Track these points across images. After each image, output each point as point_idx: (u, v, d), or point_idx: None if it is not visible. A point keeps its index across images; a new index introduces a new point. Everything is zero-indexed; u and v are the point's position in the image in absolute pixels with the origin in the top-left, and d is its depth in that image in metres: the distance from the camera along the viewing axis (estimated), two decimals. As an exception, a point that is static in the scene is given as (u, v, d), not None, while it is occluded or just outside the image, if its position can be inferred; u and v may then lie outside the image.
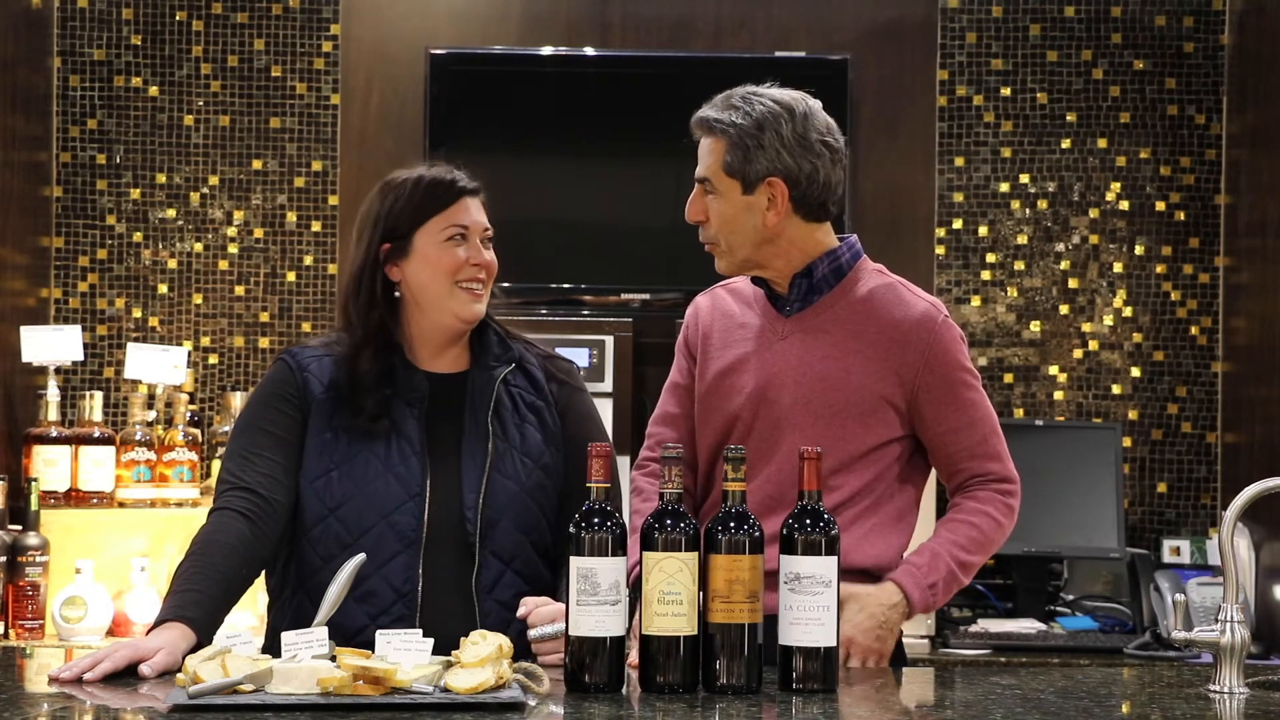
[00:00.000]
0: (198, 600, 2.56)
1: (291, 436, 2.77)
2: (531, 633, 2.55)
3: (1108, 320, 4.95)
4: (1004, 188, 4.97)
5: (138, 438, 4.39)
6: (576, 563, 2.36)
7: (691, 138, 2.87)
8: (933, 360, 2.80)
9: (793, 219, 2.82)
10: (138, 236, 4.90)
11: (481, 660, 2.28)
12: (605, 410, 4.50)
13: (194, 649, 2.46)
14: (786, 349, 2.83)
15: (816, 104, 2.85)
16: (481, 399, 2.81)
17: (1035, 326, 4.96)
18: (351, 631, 2.60)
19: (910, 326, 2.81)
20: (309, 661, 2.29)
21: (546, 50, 4.89)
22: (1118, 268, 4.95)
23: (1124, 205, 4.95)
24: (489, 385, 2.82)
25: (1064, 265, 4.96)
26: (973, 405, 2.83)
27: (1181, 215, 4.94)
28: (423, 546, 2.71)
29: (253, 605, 4.13)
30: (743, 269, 2.87)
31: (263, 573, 2.81)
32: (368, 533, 2.70)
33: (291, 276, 4.91)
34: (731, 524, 2.38)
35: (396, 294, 2.83)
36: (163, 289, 4.90)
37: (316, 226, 4.91)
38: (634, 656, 2.42)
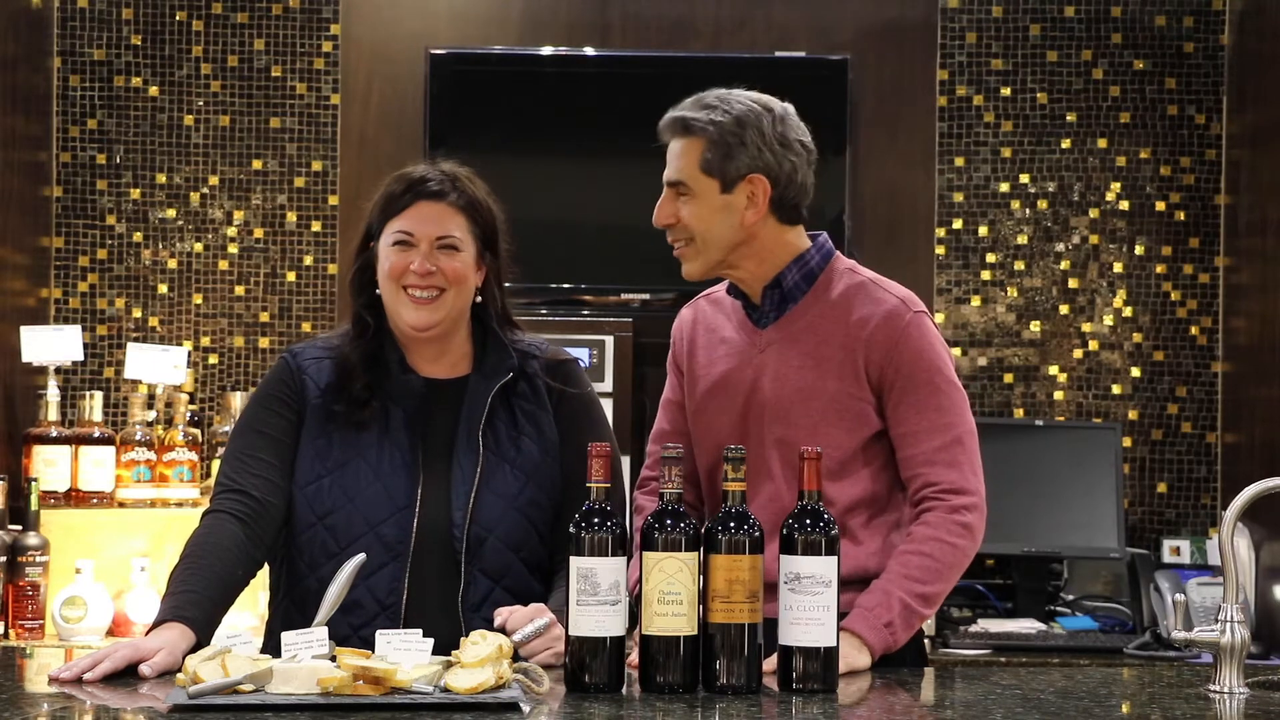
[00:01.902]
0: (195, 601, 2.56)
1: (287, 438, 2.77)
2: (515, 637, 2.54)
3: (1108, 320, 4.95)
4: (1004, 188, 4.97)
5: (138, 438, 4.39)
6: (576, 563, 2.36)
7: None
8: (898, 359, 2.73)
9: (769, 219, 2.78)
10: (138, 236, 4.90)
11: (481, 660, 2.28)
12: (605, 411, 4.49)
13: (193, 649, 2.46)
14: (763, 363, 2.79)
15: (790, 107, 2.83)
16: (475, 410, 2.77)
17: (1035, 326, 4.96)
18: (335, 641, 2.57)
19: (877, 324, 2.74)
20: (309, 661, 2.29)
21: (546, 50, 4.89)
22: (1118, 268, 4.95)
23: (1124, 205, 4.95)
24: (484, 395, 2.78)
25: (1064, 265, 4.96)
26: (939, 410, 2.73)
27: (1181, 215, 4.94)
28: (410, 559, 2.69)
29: (253, 605, 4.13)
30: (713, 271, 2.82)
31: (262, 572, 2.80)
32: (355, 543, 2.68)
33: (291, 276, 4.91)
34: (731, 524, 2.38)
35: (377, 291, 2.82)
36: (163, 289, 4.90)
37: (316, 226, 4.91)
38: (634, 656, 2.42)
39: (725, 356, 2.84)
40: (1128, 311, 4.95)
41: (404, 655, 2.30)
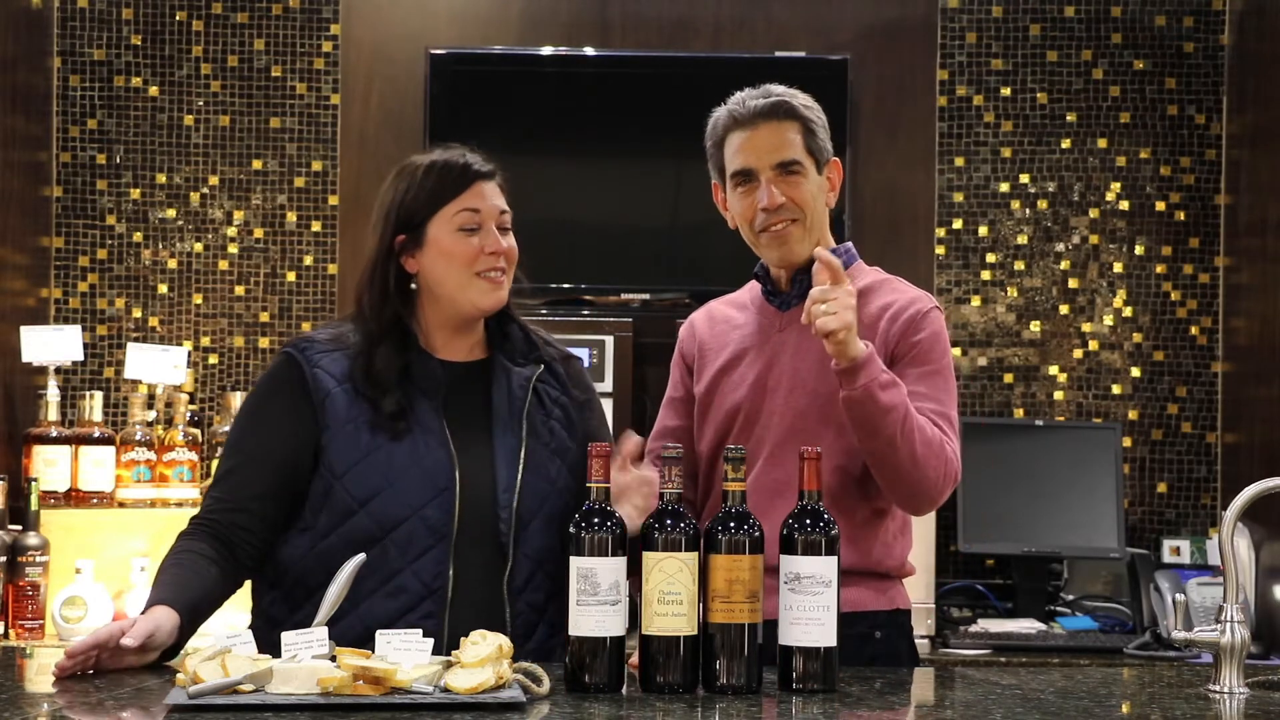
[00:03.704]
0: (176, 588, 2.57)
1: (288, 441, 2.67)
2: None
3: (1108, 320, 4.95)
4: (1004, 188, 4.97)
5: (138, 438, 4.39)
6: (576, 563, 2.37)
7: (715, 135, 2.88)
8: (916, 337, 2.79)
9: None
10: (138, 236, 4.90)
11: (481, 660, 2.28)
12: (605, 410, 4.49)
13: (181, 630, 2.48)
14: (785, 340, 2.85)
15: None
16: (514, 395, 2.73)
17: (1035, 326, 4.96)
18: (381, 627, 2.46)
19: (901, 306, 2.83)
20: (309, 661, 2.29)
21: (546, 50, 4.89)
22: (1118, 268, 4.95)
23: (1124, 205, 4.95)
24: (521, 383, 2.75)
25: (1064, 265, 4.96)
26: (936, 388, 2.78)
27: (1181, 215, 4.94)
28: (453, 542, 2.63)
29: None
30: (808, 255, 2.84)
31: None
32: (399, 527, 2.61)
33: (291, 276, 4.91)
34: (731, 524, 2.38)
35: (413, 285, 2.74)
36: (163, 289, 4.90)
37: (316, 226, 4.91)
38: (634, 657, 2.42)
39: (741, 338, 2.90)
40: (1128, 311, 4.94)
41: (404, 655, 2.30)
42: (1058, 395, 4.94)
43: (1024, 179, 4.96)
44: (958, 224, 4.96)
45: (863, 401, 2.62)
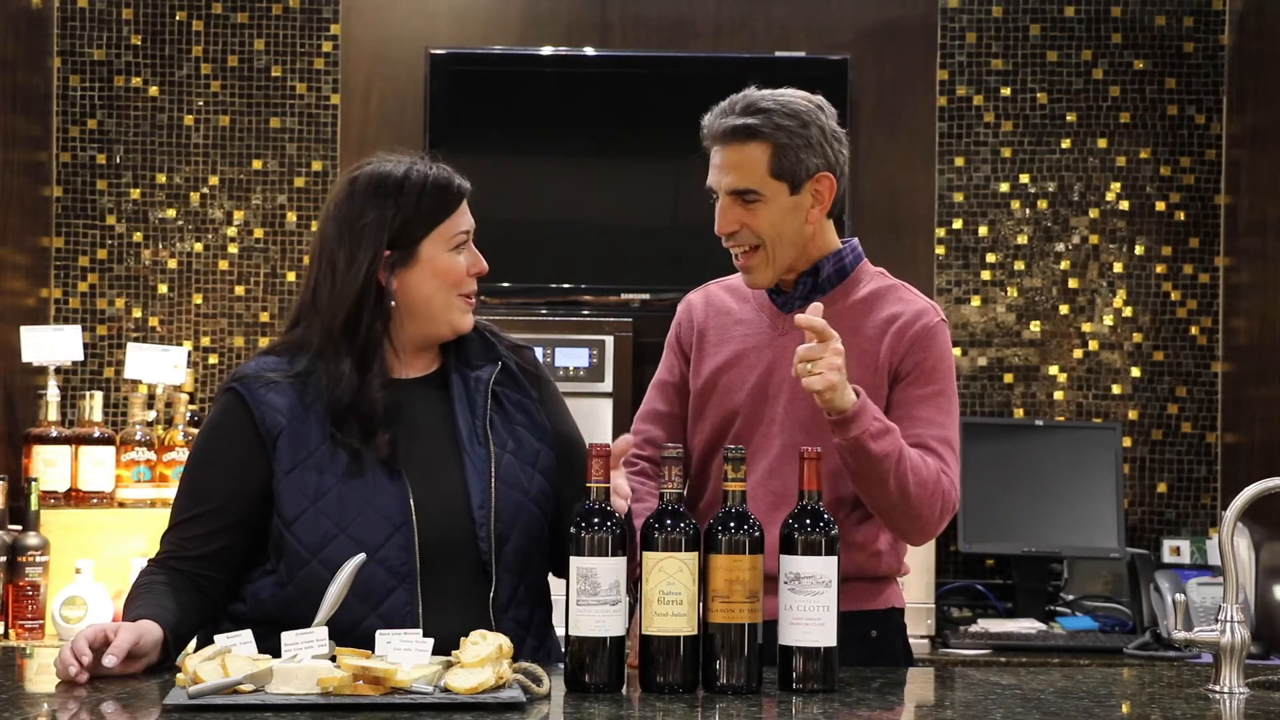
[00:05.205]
0: (156, 608, 2.50)
1: (243, 486, 2.58)
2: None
3: (1108, 320, 4.95)
4: (1004, 188, 4.97)
5: (138, 438, 4.39)
6: (576, 563, 2.36)
7: (701, 143, 2.80)
8: (920, 354, 2.75)
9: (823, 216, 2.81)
10: (138, 236, 4.90)
11: (481, 660, 2.28)
12: (605, 410, 4.50)
13: (165, 649, 2.45)
14: (787, 345, 2.79)
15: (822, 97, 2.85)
16: (475, 403, 2.66)
17: (1035, 326, 4.96)
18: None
19: (906, 320, 2.78)
20: (309, 661, 2.29)
21: (546, 50, 4.89)
22: (1118, 268, 4.95)
23: (1124, 205, 4.95)
24: (480, 387, 2.67)
25: (1064, 265, 4.96)
26: (939, 409, 2.75)
27: (1181, 215, 4.94)
28: (419, 578, 2.54)
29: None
30: (780, 276, 2.81)
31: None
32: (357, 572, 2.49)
33: (291, 276, 4.91)
34: (731, 524, 2.38)
35: (393, 303, 2.64)
36: (163, 289, 4.90)
37: (316, 227, 4.91)
38: (634, 656, 2.42)
39: (742, 336, 2.85)
40: (1128, 311, 4.95)
41: (404, 655, 2.30)
42: (1058, 395, 4.94)
43: (1024, 179, 4.97)
44: (958, 224, 4.96)
45: (854, 450, 2.61)
